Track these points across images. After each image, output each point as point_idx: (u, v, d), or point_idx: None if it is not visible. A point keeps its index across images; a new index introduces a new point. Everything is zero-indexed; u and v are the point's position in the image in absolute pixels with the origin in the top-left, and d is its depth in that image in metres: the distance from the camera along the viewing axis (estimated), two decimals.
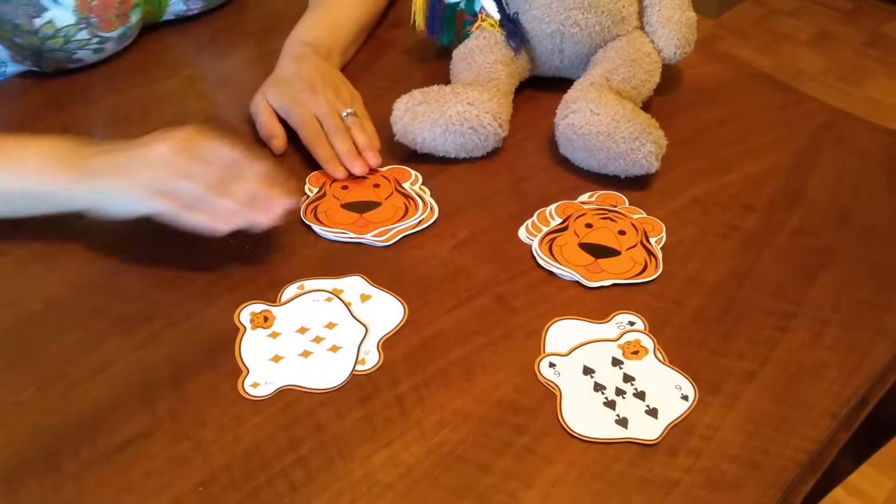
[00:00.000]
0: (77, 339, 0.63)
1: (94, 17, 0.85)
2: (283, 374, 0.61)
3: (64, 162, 0.65)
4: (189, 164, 0.64)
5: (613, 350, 0.63)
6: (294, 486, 0.54)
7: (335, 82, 0.82)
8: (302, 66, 0.82)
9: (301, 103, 0.79)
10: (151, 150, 0.65)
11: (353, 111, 0.80)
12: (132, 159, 0.65)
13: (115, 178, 0.65)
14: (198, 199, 0.64)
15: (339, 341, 0.63)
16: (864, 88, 2.37)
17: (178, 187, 0.64)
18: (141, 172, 0.64)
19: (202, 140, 0.66)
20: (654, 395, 0.60)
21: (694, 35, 0.87)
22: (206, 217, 0.64)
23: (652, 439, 0.57)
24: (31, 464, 0.55)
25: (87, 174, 0.65)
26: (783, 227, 0.74)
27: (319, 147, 0.77)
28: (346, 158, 0.77)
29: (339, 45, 0.88)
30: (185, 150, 0.65)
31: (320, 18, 0.89)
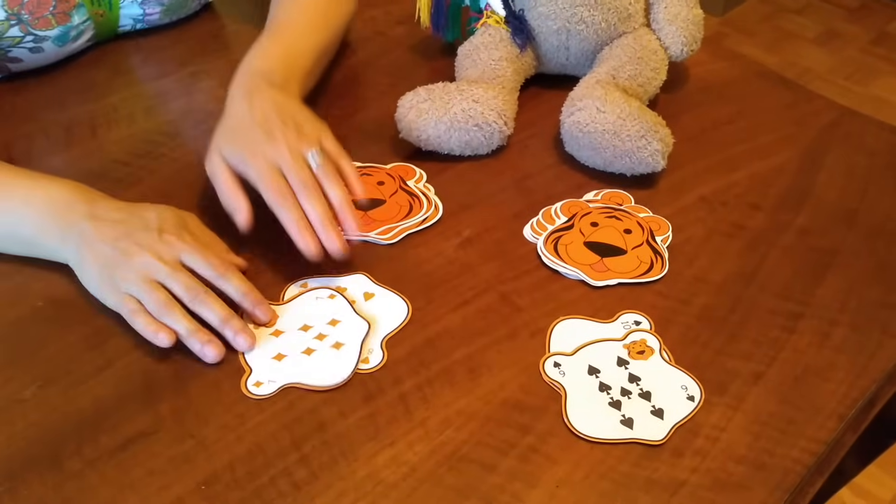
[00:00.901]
0: (79, 337, 0.63)
1: (25, 14, 0.82)
2: (286, 373, 0.60)
3: (59, 216, 0.65)
4: (168, 274, 0.62)
5: (619, 350, 0.63)
6: (297, 485, 0.54)
7: (295, 118, 0.70)
8: (255, 104, 0.70)
9: (259, 155, 0.67)
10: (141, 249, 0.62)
11: (318, 152, 0.68)
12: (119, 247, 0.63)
13: (89, 259, 0.63)
14: (157, 312, 0.61)
15: (341, 338, 0.63)
16: (871, 87, 2.36)
17: (142, 298, 0.61)
18: (117, 267, 0.62)
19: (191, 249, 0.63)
20: (659, 395, 0.59)
21: (701, 32, 0.86)
22: (152, 330, 0.61)
23: (657, 440, 0.57)
24: (33, 461, 0.55)
25: (71, 236, 0.64)
26: (790, 227, 0.74)
27: (285, 210, 0.65)
28: (319, 227, 0.66)
29: (296, 73, 0.77)
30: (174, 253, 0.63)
31: (271, 46, 0.78)
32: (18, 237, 0.66)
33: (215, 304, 0.62)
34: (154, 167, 0.78)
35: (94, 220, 0.64)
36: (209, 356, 0.61)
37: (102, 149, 0.81)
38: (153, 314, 0.61)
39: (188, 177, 0.76)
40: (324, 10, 0.86)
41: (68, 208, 0.65)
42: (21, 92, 0.88)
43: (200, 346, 0.61)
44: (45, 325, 0.64)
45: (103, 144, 0.81)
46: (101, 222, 0.64)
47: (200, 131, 0.83)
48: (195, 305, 0.62)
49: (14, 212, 0.66)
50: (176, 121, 0.85)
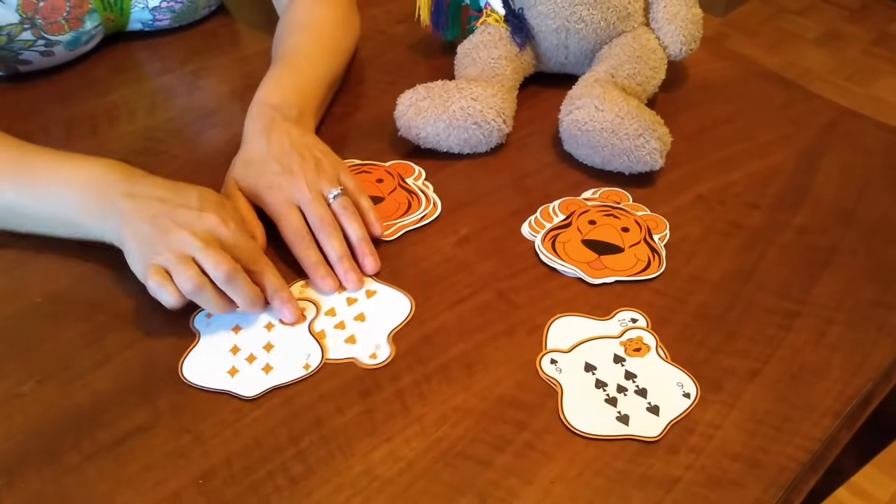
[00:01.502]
0: (77, 332, 0.63)
1: (39, 19, 0.83)
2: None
3: (99, 195, 0.64)
4: (203, 251, 0.61)
5: (615, 347, 0.63)
6: (294, 481, 0.54)
7: (313, 153, 0.71)
8: (273, 139, 0.71)
9: (276, 189, 0.68)
10: (178, 226, 0.61)
11: (340, 190, 0.69)
12: (157, 223, 0.62)
13: (128, 235, 0.62)
14: (188, 290, 0.60)
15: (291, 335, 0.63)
16: (872, 88, 2.36)
17: (174, 273, 0.60)
18: (153, 243, 0.61)
19: (231, 232, 0.63)
20: (655, 392, 0.60)
21: (700, 32, 0.86)
22: (178, 305, 0.61)
23: (653, 437, 0.57)
24: (31, 456, 0.55)
25: (111, 215, 0.64)
26: (788, 226, 0.74)
27: (303, 249, 0.67)
28: (339, 267, 0.67)
29: (310, 105, 0.77)
30: (210, 231, 0.62)
31: (285, 77, 0.78)
32: (62, 219, 0.66)
33: (245, 288, 0.62)
34: (154, 164, 0.79)
35: (133, 199, 0.63)
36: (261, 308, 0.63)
37: (103, 146, 0.81)
38: (184, 294, 0.60)
39: (189, 174, 0.75)
40: (334, 38, 0.85)
41: (108, 187, 0.64)
42: (23, 88, 0.88)
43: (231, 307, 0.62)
44: (43, 320, 0.64)
45: (104, 141, 0.82)
46: (140, 200, 0.63)
47: (201, 128, 0.84)
48: (227, 286, 0.61)
49: (56, 194, 0.65)
50: (177, 118, 0.86)
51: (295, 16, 0.86)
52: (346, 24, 0.88)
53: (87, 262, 0.68)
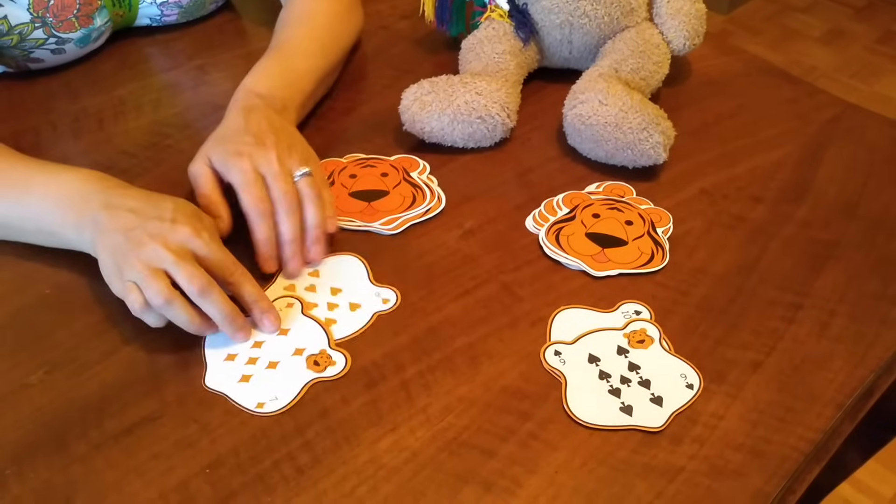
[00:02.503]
0: (85, 323, 0.64)
1: (50, 17, 0.84)
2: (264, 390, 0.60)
3: (76, 206, 0.64)
4: (176, 264, 0.59)
5: (619, 339, 0.63)
6: (300, 470, 0.55)
7: (289, 139, 0.70)
8: (251, 118, 0.70)
9: (246, 157, 0.67)
10: (152, 238, 0.60)
11: (309, 171, 0.68)
12: (131, 235, 0.61)
13: (103, 247, 0.62)
14: (157, 304, 0.59)
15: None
16: (877, 85, 2.36)
17: (144, 287, 0.59)
18: (126, 256, 0.60)
19: (205, 243, 0.61)
20: (659, 383, 0.60)
21: (703, 27, 0.87)
22: (160, 325, 0.61)
23: (656, 427, 0.57)
24: (40, 445, 0.56)
25: (87, 226, 0.63)
26: (791, 219, 0.74)
27: (259, 220, 0.66)
28: (287, 248, 0.66)
29: (295, 98, 0.76)
30: (184, 243, 0.61)
31: (274, 68, 0.78)
32: (42, 229, 0.66)
33: (219, 300, 0.60)
34: (160, 158, 0.79)
35: (109, 210, 0.63)
36: (240, 338, 0.62)
37: (110, 140, 0.82)
38: (153, 306, 0.59)
39: None
40: (332, 32, 0.85)
41: (84, 198, 0.64)
42: (30, 84, 0.89)
43: (200, 327, 0.61)
44: (51, 312, 0.65)
45: (111, 136, 0.82)
46: (115, 211, 0.63)
47: (207, 123, 0.84)
48: (201, 300, 0.60)
49: (34, 205, 0.65)
50: (183, 113, 0.86)
51: (294, 8, 0.86)
52: (346, 18, 0.88)
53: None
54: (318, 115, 0.84)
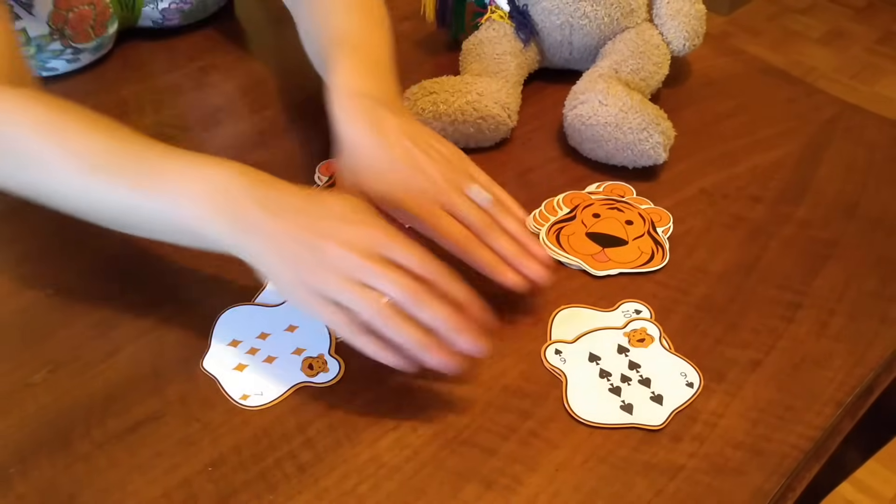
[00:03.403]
0: (88, 323, 0.64)
1: (68, 29, 0.84)
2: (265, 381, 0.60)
3: (226, 204, 0.55)
4: (375, 273, 0.53)
5: (619, 338, 0.63)
6: (302, 468, 0.55)
7: (434, 147, 0.64)
8: (387, 136, 0.62)
9: (417, 193, 0.61)
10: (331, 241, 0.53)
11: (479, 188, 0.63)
12: (306, 241, 0.54)
13: (275, 257, 0.55)
14: (377, 318, 0.53)
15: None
16: (877, 86, 2.36)
17: (354, 304, 0.53)
18: (310, 268, 0.53)
19: (393, 237, 0.55)
20: (659, 381, 0.60)
21: (703, 27, 0.87)
22: (388, 351, 0.54)
23: (656, 425, 0.57)
24: (44, 444, 0.56)
25: (242, 229, 0.55)
26: (790, 219, 0.75)
27: (476, 249, 0.61)
28: (517, 261, 0.61)
29: (393, 87, 0.69)
30: (373, 246, 0.54)
31: (360, 61, 0.69)
32: (176, 226, 0.57)
33: (442, 306, 0.54)
34: None
35: (271, 211, 0.55)
36: (450, 367, 0.54)
37: None
38: (374, 327, 0.53)
39: None
40: (383, 16, 0.77)
41: (236, 195, 0.55)
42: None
43: (440, 359, 0.54)
44: (54, 311, 0.65)
45: None
46: (279, 212, 0.55)
47: (209, 124, 0.85)
48: (417, 310, 0.53)
49: (169, 198, 0.56)
50: (184, 114, 0.87)
51: None
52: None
53: (97, 255, 0.69)
54: (320, 114, 0.84)
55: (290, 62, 0.94)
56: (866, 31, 2.60)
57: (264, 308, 0.65)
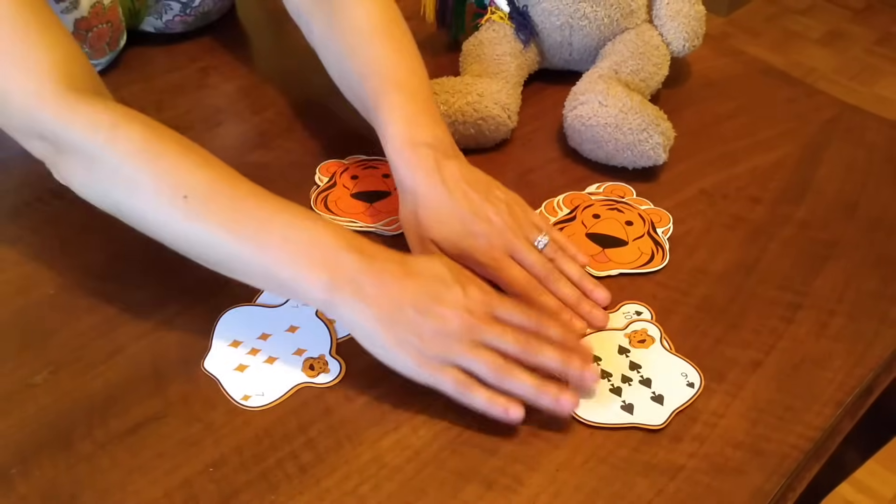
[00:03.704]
0: (90, 323, 0.64)
1: (87, 48, 0.85)
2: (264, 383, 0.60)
3: (326, 263, 0.56)
4: (494, 333, 0.56)
5: (620, 339, 0.63)
6: (303, 468, 0.55)
7: (496, 195, 0.66)
8: (444, 181, 0.64)
9: (483, 240, 0.63)
10: (444, 307, 0.56)
11: (544, 234, 0.66)
12: (418, 306, 0.56)
13: (373, 322, 0.56)
14: (499, 374, 0.55)
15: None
16: (876, 87, 2.36)
17: (475, 365, 0.55)
18: (426, 334, 0.55)
19: (495, 295, 0.58)
20: (659, 382, 0.60)
21: (703, 28, 0.87)
22: (496, 403, 0.56)
23: (657, 425, 0.58)
24: (45, 444, 0.56)
25: (340, 288, 0.56)
26: (790, 219, 0.75)
27: (539, 296, 0.63)
28: (581, 308, 0.64)
29: (444, 128, 0.69)
30: (484, 306, 0.57)
31: (408, 103, 0.68)
32: (273, 279, 0.58)
33: (551, 348, 0.57)
34: None
35: (374, 276, 0.56)
36: (566, 406, 0.57)
37: None
38: (492, 383, 0.56)
39: None
40: (410, 40, 0.76)
41: (334, 256, 0.56)
42: None
43: (555, 400, 0.56)
44: (56, 312, 0.65)
45: None
46: (385, 278, 0.56)
47: (210, 125, 0.85)
48: (533, 358, 0.57)
49: (272, 249, 0.57)
50: (185, 115, 0.87)
51: (358, 17, 0.74)
52: (401, 15, 0.79)
53: (98, 255, 0.69)
54: (321, 116, 0.85)
55: (290, 63, 0.94)
56: (865, 32, 2.60)
57: (265, 308, 0.65)
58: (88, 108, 0.61)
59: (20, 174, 0.77)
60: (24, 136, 0.63)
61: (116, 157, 0.60)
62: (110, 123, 0.60)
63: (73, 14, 0.82)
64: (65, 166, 0.62)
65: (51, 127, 0.61)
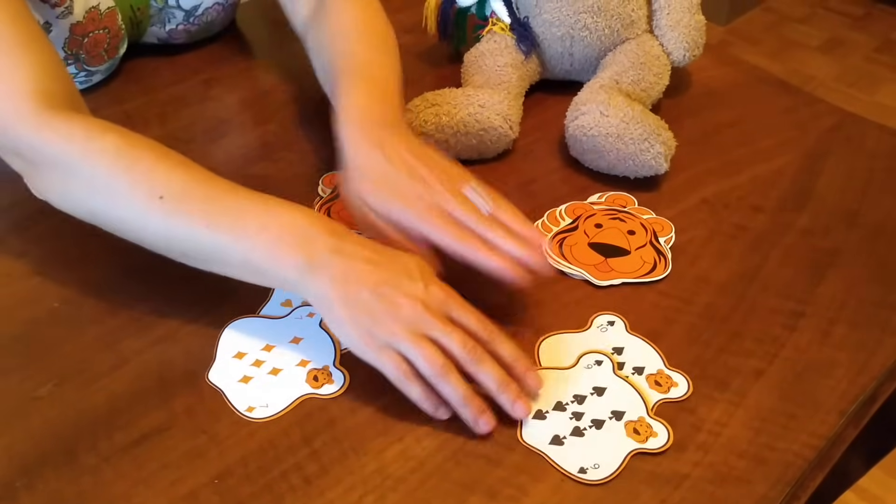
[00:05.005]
0: (94, 336, 0.64)
1: (83, 54, 0.85)
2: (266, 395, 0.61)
3: (300, 247, 0.59)
4: (443, 331, 0.57)
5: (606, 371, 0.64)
6: (308, 480, 0.55)
7: (437, 162, 0.66)
8: (388, 152, 0.65)
9: (414, 199, 0.63)
10: (404, 297, 0.57)
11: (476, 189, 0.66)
12: (379, 292, 0.57)
13: (340, 302, 0.58)
14: (433, 370, 0.56)
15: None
16: (876, 94, 2.37)
17: (415, 355, 0.56)
18: (379, 318, 0.57)
19: (457, 299, 0.59)
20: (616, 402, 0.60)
21: (703, 38, 0.88)
22: (430, 399, 0.57)
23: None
24: (50, 457, 0.56)
25: (313, 271, 0.58)
26: (791, 228, 0.75)
27: (472, 244, 0.62)
28: (519, 252, 0.63)
29: (398, 111, 0.71)
30: (441, 305, 0.58)
31: (367, 88, 0.71)
32: (250, 265, 0.60)
33: (494, 366, 0.58)
34: None
35: (344, 258, 0.58)
36: (483, 428, 0.57)
37: None
38: (426, 377, 0.57)
39: None
40: (390, 41, 0.79)
41: (308, 240, 0.59)
42: None
43: (475, 416, 0.57)
44: (60, 325, 0.65)
45: None
46: (350, 260, 0.58)
47: (214, 137, 0.85)
48: (472, 367, 0.57)
49: (247, 239, 0.59)
50: (189, 127, 0.87)
51: (343, 21, 0.78)
52: (388, 23, 0.82)
53: (103, 268, 0.70)
54: (323, 127, 0.85)
55: (293, 74, 0.94)
56: (865, 39, 2.61)
57: (269, 320, 0.65)
58: (62, 123, 0.63)
59: (24, 187, 0.77)
60: (3, 152, 0.66)
61: (92, 166, 0.62)
62: (84, 136, 0.62)
63: (68, 19, 0.82)
64: (41, 180, 0.65)
65: (26, 143, 0.63)
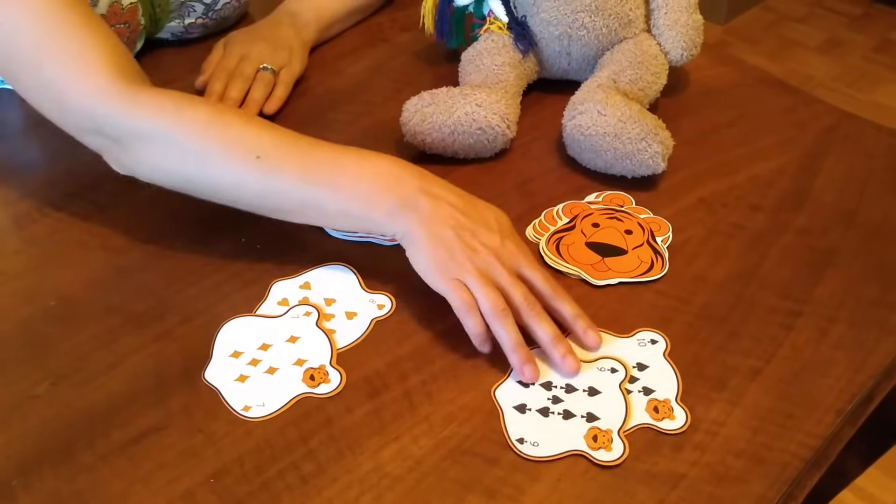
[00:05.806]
0: (91, 334, 0.64)
1: None
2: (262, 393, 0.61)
3: (393, 189, 0.64)
4: (510, 281, 0.61)
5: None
6: (304, 479, 0.55)
7: (290, 45, 0.88)
8: (270, 25, 0.89)
9: (238, 43, 0.86)
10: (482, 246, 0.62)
11: (273, 69, 0.85)
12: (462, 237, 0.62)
13: (424, 238, 0.63)
14: (494, 310, 0.60)
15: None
16: (874, 94, 2.37)
17: (482, 294, 0.61)
18: (457, 257, 0.62)
19: (529, 261, 0.64)
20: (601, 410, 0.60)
21: (701, 38, 0.87)
22: (482, 334, 0.61)
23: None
24: (47, 456, 0.56)
25: (404, 209, 0.63)
26: (789, 227, 0.75)
27: (216, 81, 0.84)
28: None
29: (321, 21, 0.94)
30: (513, 259, 0.63)
31: None
32: (350, 213, 0.65)
33: (549, 322, 0.62)
34: None
35: (432, 198, 0.64)
36: (528, 375, 0.60)
37: None
38: (485, 314, 0.61)
39: None
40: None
41: (400, 181, 0.64)
42: None
43: (521, 362, 0.60)
44: (57, 323, 0.65)
45: None
46: (437, 201, 0.64)
47: None
48: (530, 318, 0.61)
49: (346, 186, 0.64)
50: None
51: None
52: None
53: (99, 267, 0.70)
54: (320, 125, 0.85)
55: (307, 67, 0.93)
56: (863, 39, 2.61)
57: (266, 319, 0.65)
58: (149, 97, 0.66)
59: (21, 186, 0.77)
60: (80, 131, 0.67)
61: (186, 135, 0.65)
62: (174, 108, 0.65)
63: None
64: (129, 156, 0.67)
65: (113, 121, 0.65)
